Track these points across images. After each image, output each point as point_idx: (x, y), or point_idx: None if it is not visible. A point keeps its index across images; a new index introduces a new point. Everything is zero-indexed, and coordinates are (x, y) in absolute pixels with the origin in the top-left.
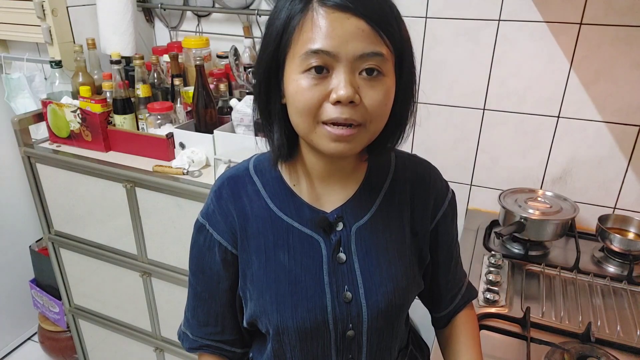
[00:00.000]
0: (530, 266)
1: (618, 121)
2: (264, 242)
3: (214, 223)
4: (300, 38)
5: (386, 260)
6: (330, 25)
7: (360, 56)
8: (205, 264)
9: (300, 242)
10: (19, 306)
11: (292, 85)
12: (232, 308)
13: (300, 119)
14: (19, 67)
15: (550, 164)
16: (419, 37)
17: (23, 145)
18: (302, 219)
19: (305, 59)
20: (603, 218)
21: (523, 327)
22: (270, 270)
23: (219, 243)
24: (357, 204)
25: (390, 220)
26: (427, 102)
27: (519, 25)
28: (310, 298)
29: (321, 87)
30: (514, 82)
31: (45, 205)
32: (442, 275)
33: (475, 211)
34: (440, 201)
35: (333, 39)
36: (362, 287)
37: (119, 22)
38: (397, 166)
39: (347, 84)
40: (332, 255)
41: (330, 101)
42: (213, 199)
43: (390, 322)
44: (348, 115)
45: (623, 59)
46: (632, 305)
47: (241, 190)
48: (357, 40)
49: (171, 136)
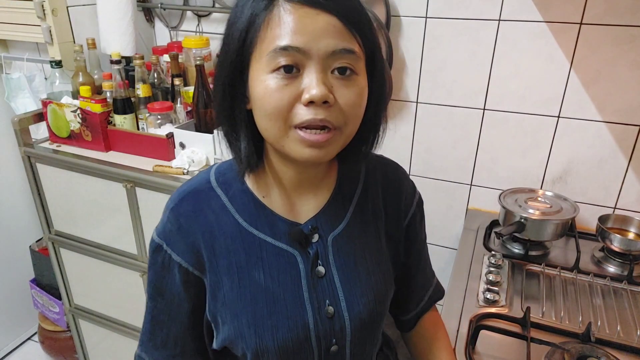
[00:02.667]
0: (531, 266)
1: (618, 121)
2: (235, 260)
3: (173, 243)
4: (267, 35)
5: (365, 269)
6: (299, 21)
7: (332, 53)
8: (164, 287)
9: (276, 257)
10: (19, 306)
11: (260, 86)
12: (194, 331)
13: (269, 123)
14: (19, 67)
15: (550, 164)
16: (419, 37)
17: (23, 145)
18: (275, 232)
19: (273, 57)
20: (603, 218)
21: (523, 327)
22: (245, 291)
23: (178, 264)
24: (331, 212)
25: (366, 226)
26: (427, 102)
27: (519, 25)
28: (291, 317)
29: (292, 87)
30: (514, 82)
31: (45, 205)
32: (412, 277)
33: (475, 211)
34: (409, 202)
35: (303, 35)
36: (344, 300)
37: (119, 22)
38: (367, 169)
39: (319, 83)
40: (311, 270)
41: (302, 102)
42: (170, 217)
43: (372, 331)
44: (323, 116)
45: (623, 59)
46: (632, 305)
47: (204, 205)
48: (328, 36)
49: (171, 136)
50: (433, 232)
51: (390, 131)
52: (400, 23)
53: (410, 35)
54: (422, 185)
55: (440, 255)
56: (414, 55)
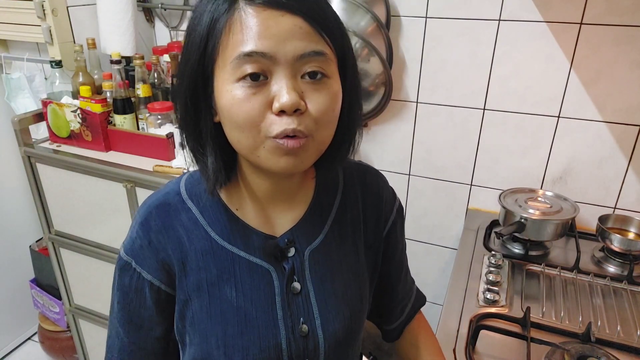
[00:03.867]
0: (531, 266)
1: (618, 121)
2: (205, 277)
3: (142, 260)
4: (229, 42)
5: (341, 284)
6: (263, 24)
7: (300, 56)
8: (133, 311)
9: (249, 273)
10: (19, 306)
11: (226, 97)
12: (164, 356)
13: (241, 134)
14: (19, 67)
15: (550, 164)
16: (419, 37)
17: (23, 145)
18: (249, 247)
19: (238, 64)
20: (603, 218)
21: (523, 327)
22: (215, 310)
23: (149, 283)
24: (308, 225)
25: (344, 239)
26: (427, 102)
27: (519, 25)
28: (263, 337)
29: (260, 96)
30: (514, 82)
31: (46, 205)
32: (393, 286)
33: (475, 211)
34: (390, 209)
35: (268, 38)
36: (319, 318)
37: (119, 22)
38: (345, 178)
39: (290, 90)
40: (286, 286)
41: (273, 111)
42: (139, 232)
43: (347, 349)
44: (295, 125)
45: (623, 59)
46: (632, 305)
47: (174, 219)
48: (295, 38)
49: (171, 136)
50: (433, 232)
51: (391, 131)
52: (400, 23)
53: (410, 35)
54: (422, 185)
55: (440, 255)
56: (414, 55)
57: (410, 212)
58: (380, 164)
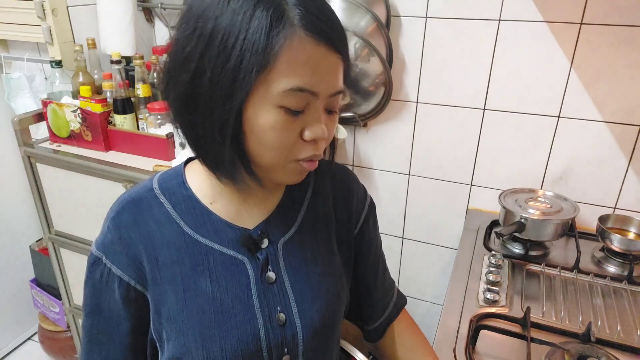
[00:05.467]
0: (531, 266)
1: (618, 121)
2: (179, 270)
3: (112, 255)
4: (284, 66)
5: (316, 274)
6: (319, 61)
7: (334, 94)
8: (102, 303)
9: (223, 264)
10: (19, 306)
11: (265, 116)
12: (134, 353)
13: (270, 154)
14: (19, 66)
15: (550, 164)
16: (419, 37)
17: (23, 145)
18: (223, 239)
19: (286, 95)
20: (603, 218)
21: (523, 327)
22: (191, 302)
23: (119, 278)
24: (281, 218)
25: (317, 232)
26: (427, 102)
27: (519, 25)
28: (241, 326)
29: (297, 124)
30: (514, 82)
31: (45, 205)
32: (372, 283)
33: (475, 211)
34: (361, 206)
35: (319, 76)
36: (295, 306)
37: (119, 22)
38: (316, 174)
39: (323, 123)
40: (261, 276)
41: (306, 138)
42: (110, 227)
43: (325, 340)
44: (320, 151)
45: (623, 59)
46: (633, 305)
47: (146, 214)
48: (334, 77)
49: (171, 136)
50: (433, 232)
51: (391, 131)
52: (400, 23)
53: (410, 35)
54: (422, 185)
55: (440, 255)
56: (414, 55)
57: (410, 212)
58: (380, 164)
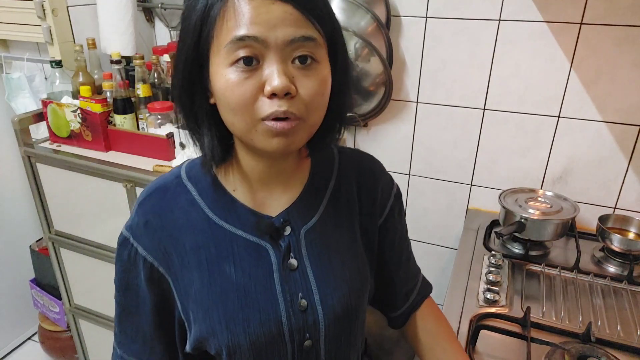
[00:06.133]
0: (531, 266)
1: (618, 121)
2: (205, 255)
3: (139, 237)
4: (223, 28)
5: (339, 262)
6: (254, 10)
7: (290, 41)
8: (130, 281)
9: (247, 251)
10: (19, 306)
11: (221, 81)
12: (160, 331)
13: (235, 117)
14: (19, 66)
15: (550, 164)
16: (419, 37)
17: (23, 145)
18: (246, 226)
19: (231, 49)
20: (603, 218)
21: (523, 327)
22: (216, 286)
23: (144, 259)
24: (303, 206)
25: (340, 220)
26: (427, 102)
27: (519, 25)
28: (263, 310)
29: (253, 80)
30: (514, 82)
31: (46, 205)
32: (394, 272)
33: (475, 211)
34: (387, 195)
35: (259, 24)
36: (317, 293)
37: (119, 22)
38: (340, 163)
39: (280, 74)
40: (283, 263)
41: (265, 94)
42: (138, 212)
43: (347, 328)
44: (286, 107)
45: (623, 59)
46: (633, 305)
47: (172, 201)
48: (285, 24)
49: (171, 136)
50: (433, 232)
51: (391, 131)
52: (400, 23)
53: (410, 35)
54: (422, 185)
55: (440, 255)
56: (414, 55)
57: (410, 212)
58: None
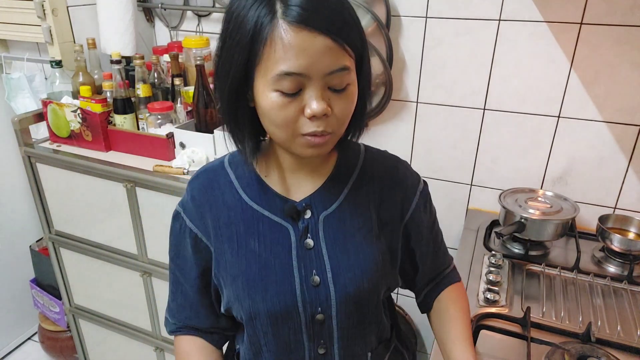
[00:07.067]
0: (531, 266)
1: (618, 121)
2: (235, 230)
3: (188, 211)
4: (271, 55)
5: (354, 247)
6: (299, 45)
7: (329, 73)
8: (180, 250)
9: (270, 229)
10: (19, 306)
11: (266, 100)
12: (205, 296)
13: (277, 131)
14: (19, 66)
15: (550, 164)
16: (419, 37)
17: (23, 145)
18: (273, 208)
19: (278, 79)
20: (603, 218)
21: (523, 327)
22: (242, 257)
23: (190, 230)
24: (325, 193)
25: (358, 209)
26: (427, 102)
27: (519, 25)
28: (280, 282)
29: (295, 103)
30: (514, 82)
31: (46, 205)
32: (420, 260)
33: (475, 211)
34: (412, 194)
35: (304, 58)
36: (330, 272)
37: (119, 22)
38: (365, 160)
39: (319, 100)
40: (300, 241)
41: (305, 115)
42: (188, 189)
43: (360, 308)
44: (323, 127)
45: (623, 59)
46: (633, 305)
47: (214, 182)
48: (325, 58)
49: (171, 136)
50: None
51: (390, 131)
52: (400, 23)
53: (410, 35)
54: None
55: None
56: (414, 55)
57: None
58: None
